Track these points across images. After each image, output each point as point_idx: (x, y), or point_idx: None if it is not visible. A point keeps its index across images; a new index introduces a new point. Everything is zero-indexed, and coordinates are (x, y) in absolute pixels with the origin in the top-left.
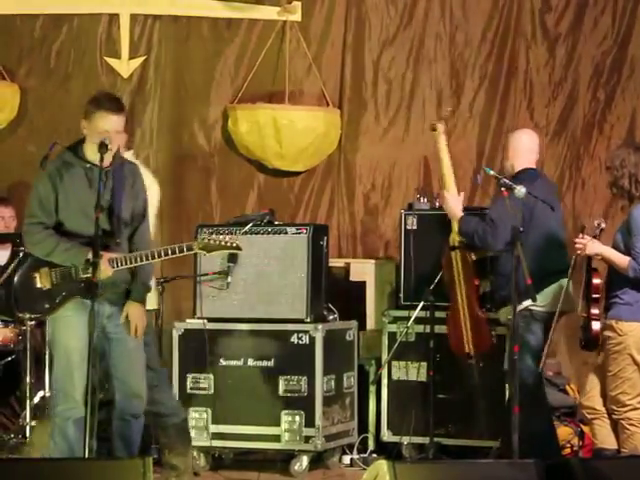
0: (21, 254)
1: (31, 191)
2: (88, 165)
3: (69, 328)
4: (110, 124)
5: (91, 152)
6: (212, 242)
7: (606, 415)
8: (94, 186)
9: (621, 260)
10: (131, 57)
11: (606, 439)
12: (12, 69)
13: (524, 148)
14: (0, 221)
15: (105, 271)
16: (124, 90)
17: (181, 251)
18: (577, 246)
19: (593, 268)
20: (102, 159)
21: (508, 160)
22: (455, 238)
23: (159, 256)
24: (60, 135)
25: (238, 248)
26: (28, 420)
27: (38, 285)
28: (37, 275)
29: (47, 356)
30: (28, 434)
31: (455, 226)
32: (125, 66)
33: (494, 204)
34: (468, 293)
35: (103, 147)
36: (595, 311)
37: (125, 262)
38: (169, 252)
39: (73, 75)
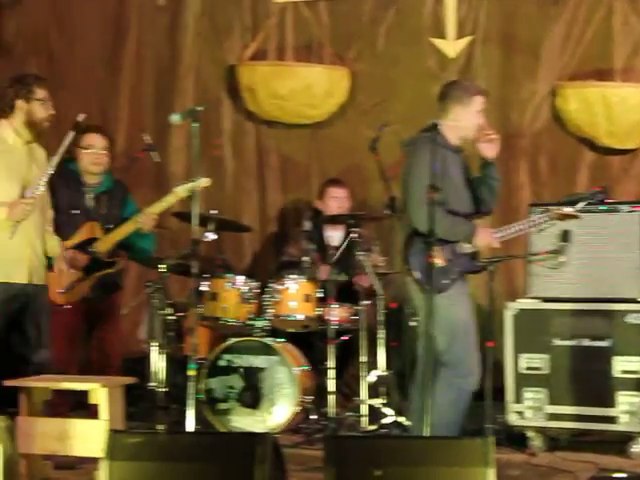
0: (351, 235)
1: (414, 171)
2: (453, 149)
3: (467, 304)
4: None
5: (451, 136)
6: (557, 212)
7: None
8: (462, 168)
9: None
10: (457, 37)
11: None
12: (341, 53)
13: None
14: (334, 201)
15: (491, 242)
16: (451, 71)
17: (545, 222)
18: None
19: None
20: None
21: None
22: None
23: (528, 228)
24: (389, 117)
25: (576, 217)
26: (364, 398)
27: (435, 263)
28: (433, 253)
29: (381, 335)
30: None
31: None
32: (451, 46)
33: None
34: None
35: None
36: None
37: (505, 233)
38: (536, 224)
39: (401, 57)
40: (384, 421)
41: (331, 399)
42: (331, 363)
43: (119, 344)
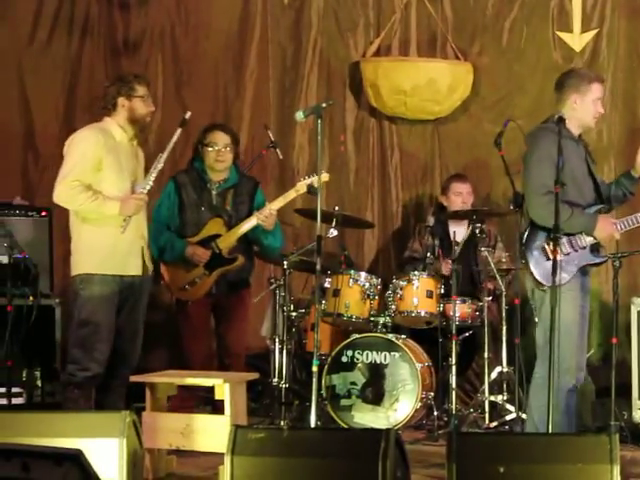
0: (477, 230)
1: (534, 161)
2: (574, 139)
3: (578, 302)
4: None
5: (572, 126)
6: None
7: None
8: (584, 158)
9: None
10: (583, 30)
11: None
12: (465, 48)
13: None
14: (458, 196)
15: (612, 232)
16: (577, 64)
17: None
18: None
19: None
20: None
21: None
22: None
23: None
24: (513, 112)
25: None
26: (487, 395)
27: (550, 256)
28: (548, 247)
29: (504, 331)
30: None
31: None
32: (577, 40)
33: None
34: None
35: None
36: None
37: (628, 224)
38: None
39: (525, 51)
40: (506, 417)
41: (453, 395)
42: (454, 359)
43: (242, 341)
